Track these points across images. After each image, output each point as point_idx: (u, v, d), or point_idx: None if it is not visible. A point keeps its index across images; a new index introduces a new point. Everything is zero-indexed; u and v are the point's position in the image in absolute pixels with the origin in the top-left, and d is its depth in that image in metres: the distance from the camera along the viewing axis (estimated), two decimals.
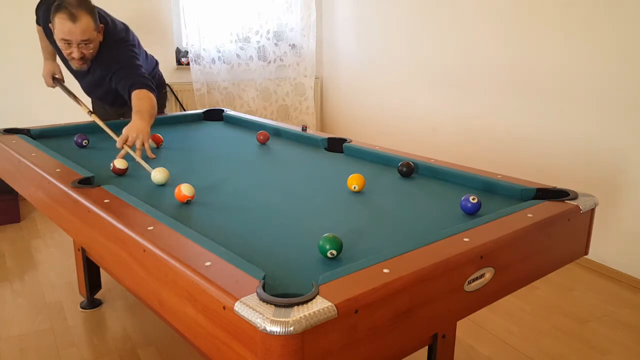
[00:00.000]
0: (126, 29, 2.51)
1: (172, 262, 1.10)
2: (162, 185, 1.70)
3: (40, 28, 2.58)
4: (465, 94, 3.51)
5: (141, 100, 2.25)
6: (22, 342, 2.17)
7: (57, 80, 2.66)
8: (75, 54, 2.28)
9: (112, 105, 2.78)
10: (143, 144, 1.99)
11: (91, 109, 2.58)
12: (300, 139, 2.33)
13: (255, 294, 0.94)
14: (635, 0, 2.54)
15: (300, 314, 0.87)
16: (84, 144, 2.17)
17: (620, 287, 2.71)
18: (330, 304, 0.90)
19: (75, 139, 2.18)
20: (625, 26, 2.60)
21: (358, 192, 1.65)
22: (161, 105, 2.83)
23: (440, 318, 1.14)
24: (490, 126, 3.36)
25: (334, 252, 1.15)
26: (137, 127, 2.03)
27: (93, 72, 2.48)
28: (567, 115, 2.90)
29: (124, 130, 2.01)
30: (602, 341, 2.23)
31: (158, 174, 1.68)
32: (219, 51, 4.30)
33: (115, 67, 2.40)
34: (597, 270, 2.86)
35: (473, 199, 1.43)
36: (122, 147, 1.98)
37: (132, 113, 2.15)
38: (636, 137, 2.62)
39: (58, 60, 2.68)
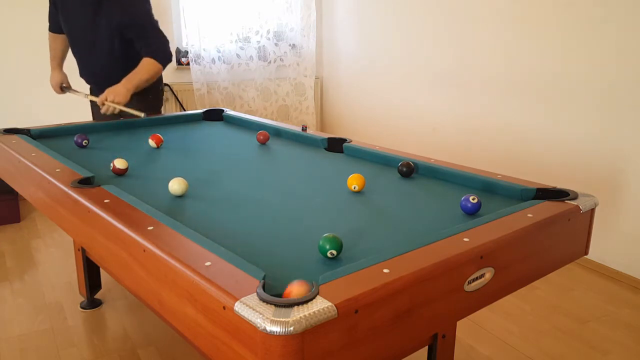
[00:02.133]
0: None
1: (172, 262, 1.10)
2: (180, 196, 1.60)
3: (52, 34, 2.71)
4: (466, 94, 3.51)
5: (141, 69, 2.50)
6: (22, 342, 2.17)
7: (65, 88, 2.75)
8: None
9: (98, 85, 2.69)
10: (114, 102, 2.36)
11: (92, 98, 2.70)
12: (300, 139, 2.33)
13: (255, 294, 0.94)
14: (636, 0, 2.54)
15: (300, 314, 0.87)
16: (84, 144, 2.17)
17: (620, 287, 2.71)
18: (330, 304, 0.90)
19: (75, 139, 2.18)
20: (625, 26, 2.60)
21: (358, 192, 1.65)
22: (157, 106, 2.87)
23: (440, 318, 1.14)
24: (490, 126, 3.36)
25: (334, 252, 1.15)
26: (115, 90, 2.39)
27: (97, 24, 2.49)
28: (567, 115, 2.90)
29: (105, 91, 2.41)
30: (602, 341, 2.23)
31: (175, 185, 1.58)
32: (219, 51, 4.30)
33: (131, 20, 2.50)
34: (597, 270, 2.86)
35: (473, 199, 1.43)
36: (104, 104, 2.37)
37: (126, 76, 2.46)
38: (636, 137, 2.62)
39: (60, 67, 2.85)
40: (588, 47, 2.76)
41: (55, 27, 2.72)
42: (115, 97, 2.38)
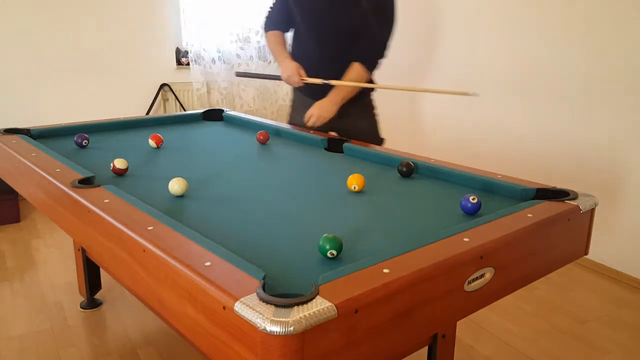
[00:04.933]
0: None
1: (172, 262, 1.10)
2: (180, 196, 1.60)
3: (276, 32, 2.52)
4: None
5: (351, 77, 2.32)
6: (22, 342, 2.17)
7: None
8: None
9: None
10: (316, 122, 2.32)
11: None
12: (300, 139, 2.33)
13: (255, 294, 0.94)
14: (636, 1, 2.54)
15: (300, 314, 0.87)
16: (84, 144, 2.17)
17: (620, 287, 2.71)
18: (330, 304, 0.90)
19: (75, 139, 2.18)
20: (625, 26, 2.60)
21: (358, 192, 1.64)
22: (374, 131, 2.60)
23: (440, 318, 1.14)
24: (491, 126, 3.36)
25: (334, 252, 1.15)
26: (320, 106, 2.32)
27: (345, 17, 2.32)
28: (567, 115, 2.90)
29: (312, 108, 2.34)
30: (602, 341, 2.23)
31: (175, 185, 1.58)
32: (219, 51, 4.30)
33: (364, 21, 2.32)
34: (597, 270, 2.86)
35: (473, 199, 1.43)
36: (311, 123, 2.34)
37: (335, 88, 2.33)
38: (636, 137, 2.62)
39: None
40: (588, 47, 2.76)
41: (282, 25, 2.54)
42: (322, 112, 2.32)
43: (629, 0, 2.56)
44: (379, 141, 2.55)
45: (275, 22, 2.55)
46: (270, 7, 2.59)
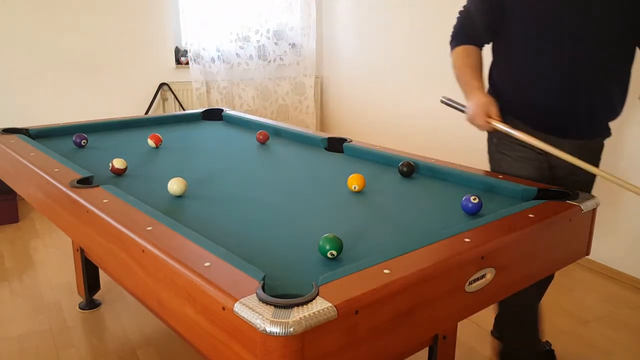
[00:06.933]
0: None
1: (172, 262, 1.09)
2: (179, 196, 1.59)
3: (465, 47, 1.78)
4: None
5: None
6: (21, 343, 2.16)
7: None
8: None
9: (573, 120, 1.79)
10: None
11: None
12: (300, 139, 2.32)
13: (255, 294, 0.93)
14: None
15: (300, 315, 0.86)
16: (82, 143, 2.16)
17: (621, 287, 2.71)
18: (330, 304, 0.90)
19: (74, 139, 2.17)
20: None
21: (358, 192, 1.64)
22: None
23: (441, 319, 1.13)
24: None
25: (334, 252, 1.14)
26: None
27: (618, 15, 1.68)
28: None
29: None
30: (602, 341, 2.22)
31: (175, 185, 1.57)
32: (218, 50, 4.29)
33: None
34: (598, 270, 2.86)
35: (474, 199, 1.42)
36: None
37: None
38: (637, 137, 2.62)
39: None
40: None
41: (482, 36, 1.79)
42: None
43: None
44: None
45: (472, 32, 1.78)
46: (462, 13, 1.83)
